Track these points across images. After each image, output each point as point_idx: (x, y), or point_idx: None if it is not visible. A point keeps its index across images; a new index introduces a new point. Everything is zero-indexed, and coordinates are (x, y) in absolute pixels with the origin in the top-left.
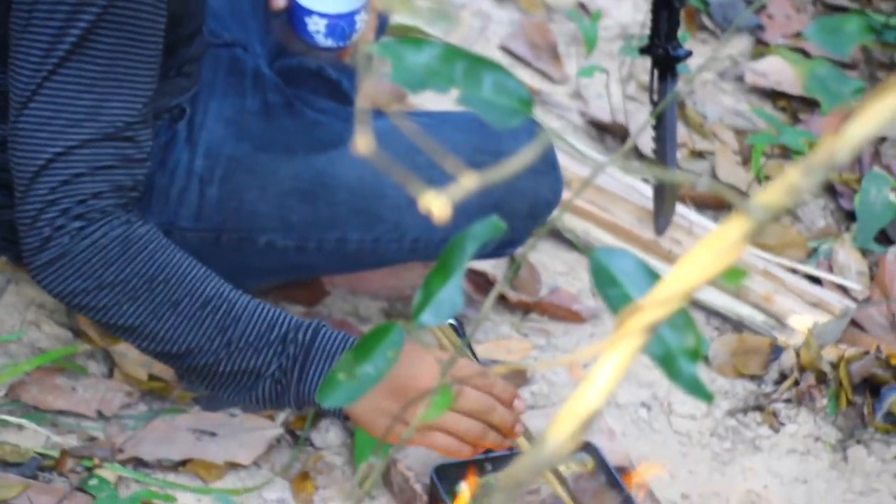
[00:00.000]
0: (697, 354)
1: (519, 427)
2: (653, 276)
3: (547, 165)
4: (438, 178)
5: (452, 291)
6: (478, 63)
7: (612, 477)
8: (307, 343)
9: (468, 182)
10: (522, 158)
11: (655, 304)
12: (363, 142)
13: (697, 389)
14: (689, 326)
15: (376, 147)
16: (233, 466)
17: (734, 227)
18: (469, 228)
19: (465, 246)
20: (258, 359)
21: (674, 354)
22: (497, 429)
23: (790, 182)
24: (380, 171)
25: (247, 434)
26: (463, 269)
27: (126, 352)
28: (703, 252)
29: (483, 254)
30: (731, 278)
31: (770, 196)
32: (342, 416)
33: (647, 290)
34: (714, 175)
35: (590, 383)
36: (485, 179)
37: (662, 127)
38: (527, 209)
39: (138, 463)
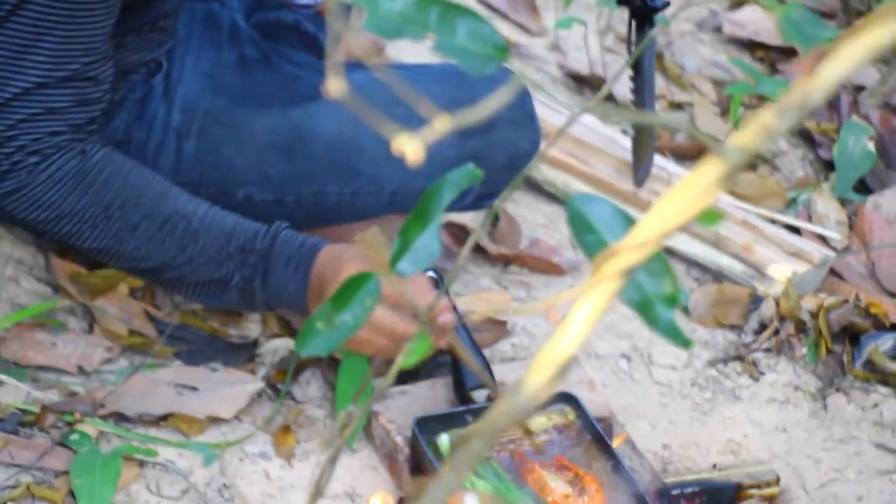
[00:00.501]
0: (675, 300)
1: (443, 340)
2: (629, 222)
3: (525, 117)
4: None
5: (430, 239)
6: (452, 10)
7: (594, 428)
8: (266, 250)
9: (442, 125)
10: (497, 100)
11: (631, 248)
12: (335, 85)
13: (675, 335)
14: (666, 272)
15: (353, 99)
16: (214, 421)
17: (709, 170)
18: (446, 176)
19: (442, 194)
20: (220, 270)
21: (651, 301)
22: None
23: (764, 124)
24: (357, 124)
25: (228, 388)
26: (440, 216)
27: (106, 307)
28: (679, 196)
29: (462, 206)
30: (707, 221)
31: (744, 139)
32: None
33: (624, 236)
34: (693, 126)
35: (566, 329)
36: (459, 122)
37: (640, 78)
38: (505, 161)
39: (119, 418)
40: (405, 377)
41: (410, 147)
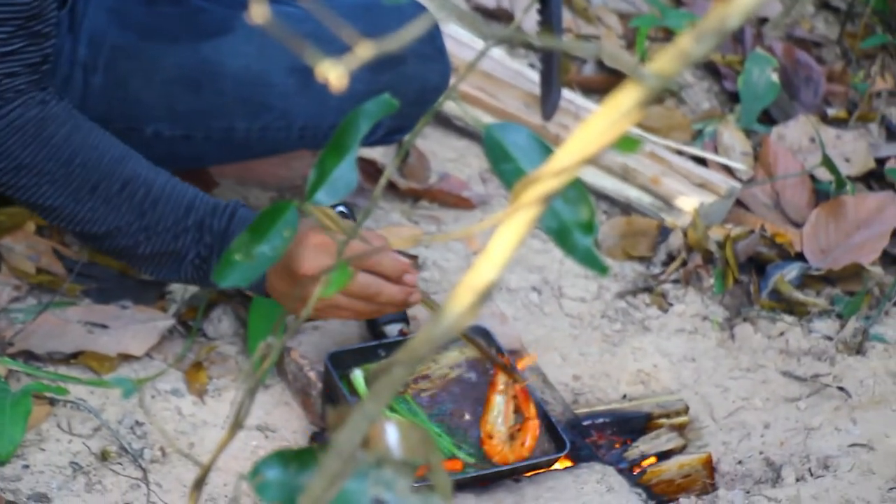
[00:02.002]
0: (592, 227)
1: (415, 296)
2: (546, 150)
3: (435, 51)
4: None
5: (347, 170)
6: None
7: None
8: (222, 229)
9: (364, 51)
10: (410, 32)
11: (551, 175)
12: (258, 11)
13: (592, 262)
14: (583, 200)
15: (274, 25)
16: (125, 358)
17: (627, 96)
18: (362, 106)
19: (359, 124)
20: (176, 243)
21: (568, 228)
22: (389, 304)
23: (681, 49)
24: (266, 59)
25: (139, 326)
26: (357, 147)
27: (13, 245)
28: (597, 122)
29: (372, 140)
30: (625, 147)
31: (662, 63)
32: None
33: (541, 163)
34: (599, 59)
35: (487, 256)
36: (380, 48)
37: (548, 11)
38: (415, 95)
39: (29, 356)
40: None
41: (334, 73)
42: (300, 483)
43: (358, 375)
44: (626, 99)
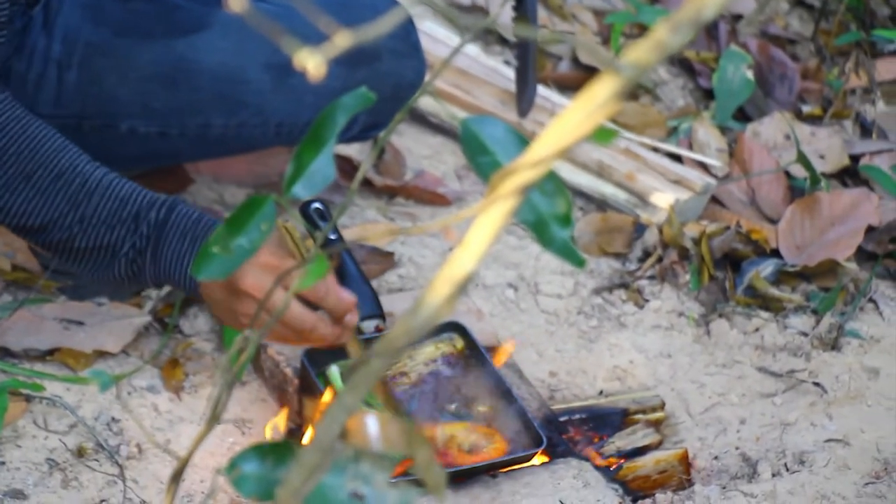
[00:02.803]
0: (569, 220)
1: (345, 337)
2: (523, 143)
3: (410, 48)
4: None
5: (324, 163)
6: None
7: (482, 356)
8: (160, 222)
9: (341, 40)
10: (384, 24)
11: (529, 166)
12: (236, 1)
13: (570, 254)
14: (560, 192)
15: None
16: (101, 355)
17: (604, 86)
18: (339, 100)
19: (336, 117)
20: (111, 236)
21: (545, 220)
22: (317, 341)
23: (658, 39)
24: (242, 55)
25: (115, 322)
26: (334, 140)
27: None
28: (574, 113)
29: (348, 137)
30: (602, 138)
31: (638, 54)
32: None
33: (518, 156)
34: (574, 56)
35: (465, 247)
36: (358, 37)
37: (523, 7)
38: (391, 91)
39: (4, 353)
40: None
41: (312, 62)
42: (278, 476)
43: (334, 371)
44: (602, 90)
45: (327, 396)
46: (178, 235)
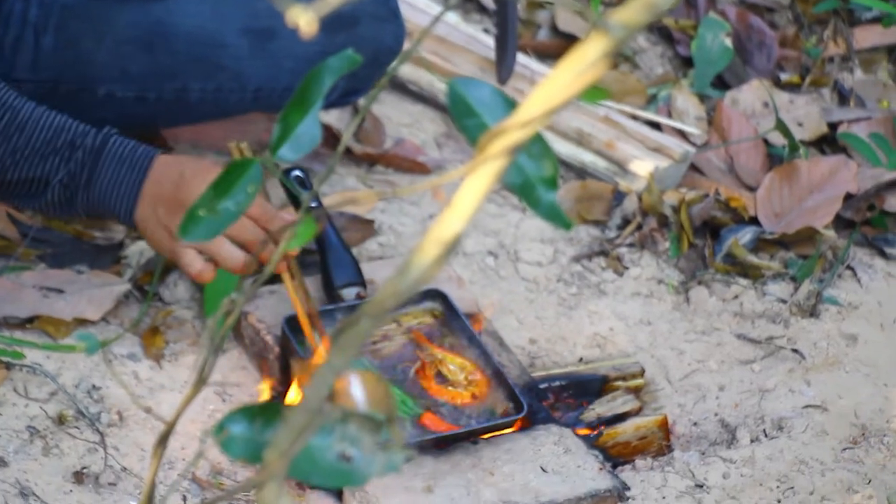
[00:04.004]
0: (555, 182)
1: (282, 266)
2: (509, 105)
3: (389, 13)
4: (279, 28)
5: (311, 125)
6: None
7: (462, 323)
8: (97, 148)
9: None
10: None
11: (518, 126)
12: None
13: (556, 217)
14: (547, 155)
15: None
16: (81, 323)
17: (593, 46)
18: (325, 62)
19: (323, 79)
20: (45, 165)
21: (532, 183)
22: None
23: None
24: (219, 19)
25: (95, 290)
26: (321, 102)
27: None
28: (563, 74)
29: (327, 103)
30: (592, 97)
31: (627, 13)
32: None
33: (505, 118)
34: (553, 25)
35: (453, 208)
36: (338, 1)
37: None
38: (370, 56)
39: None
40: (273, 278)
41: (304, 19)
42: (266, 438)
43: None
44: (591, 50)
45: (317, 359)
46: (115, 162)
